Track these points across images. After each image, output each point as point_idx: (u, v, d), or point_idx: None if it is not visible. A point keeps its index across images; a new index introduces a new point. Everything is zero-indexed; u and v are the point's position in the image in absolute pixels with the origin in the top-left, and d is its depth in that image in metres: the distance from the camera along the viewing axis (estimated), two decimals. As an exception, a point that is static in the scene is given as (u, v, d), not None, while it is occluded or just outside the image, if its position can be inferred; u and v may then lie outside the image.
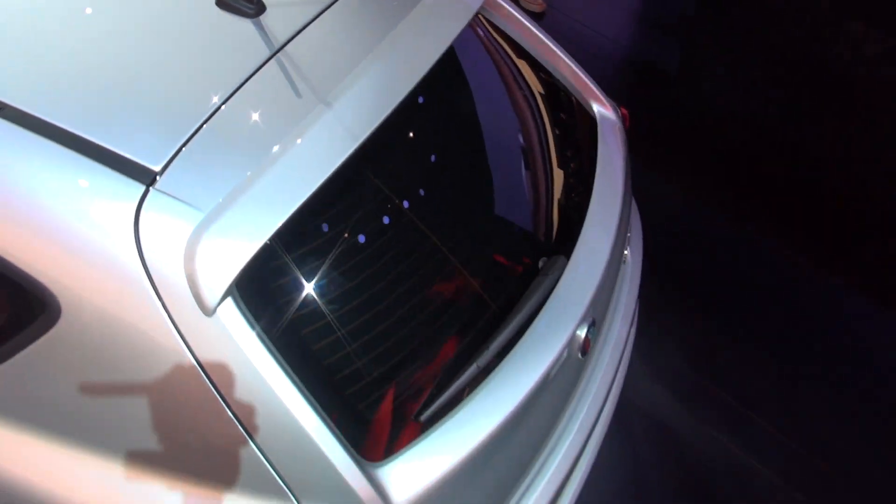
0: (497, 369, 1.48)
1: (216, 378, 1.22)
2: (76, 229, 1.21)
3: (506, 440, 1.51)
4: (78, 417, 1.30)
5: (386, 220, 1.43)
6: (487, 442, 1.42)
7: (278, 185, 1.25)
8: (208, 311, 1.20)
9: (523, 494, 1.65)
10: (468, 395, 1.44)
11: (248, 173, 1.25)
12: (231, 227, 1.20)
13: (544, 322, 1.55)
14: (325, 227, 1.36)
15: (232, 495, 1.28)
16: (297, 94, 1.35)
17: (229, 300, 1.21)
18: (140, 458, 1.29)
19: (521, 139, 1.80)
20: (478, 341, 1.46)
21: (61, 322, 1.24)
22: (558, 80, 1.92)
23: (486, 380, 1.46)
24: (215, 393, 1.22)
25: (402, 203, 1.43)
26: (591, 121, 1.92)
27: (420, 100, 1.57)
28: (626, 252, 2.05)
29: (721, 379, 2.83)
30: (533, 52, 1.89)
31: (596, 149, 1.87)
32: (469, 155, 1.66)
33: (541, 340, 1.53)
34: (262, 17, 1.41)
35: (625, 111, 2.07)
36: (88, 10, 1.40)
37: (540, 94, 1.88)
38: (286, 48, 1.39)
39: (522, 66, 1.87)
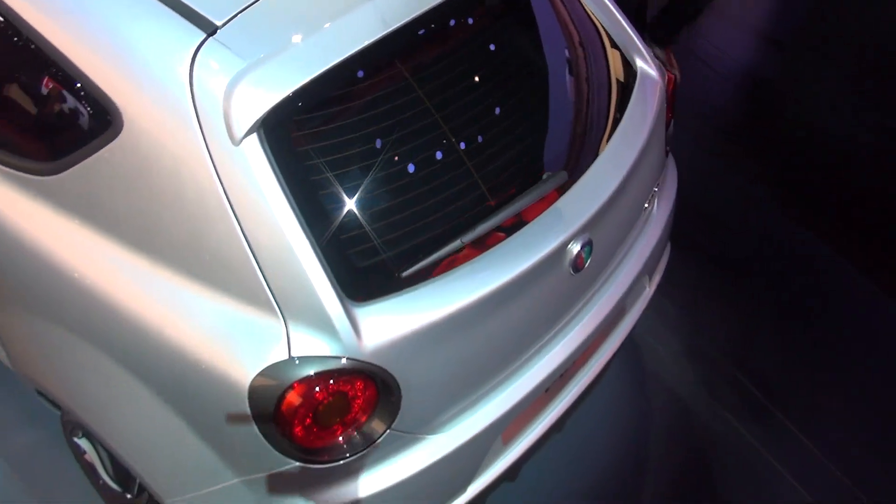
0: (483, 255, 1.66)
1: (233, 199, 1.47)
2: (148, 61, 1.50)
3: (482, 323, 1.69)
4: (123, 216, 1.58)
5: (427, 97, 1.64)
6: (460, 313, 1.61)
7: (310, 52, 1.49)
8: (235, 141, 1.45)
9: (492, 389, 1.82)
10: (450, 268, 1.63)
11: (289, 39, 1.50)
12: (264, 78, 1.45)
13: (538, 225, 1.73)
14: (344, 96, 1.59)
15: (233, 302, 1.52)
16: None
17: (254, 136, 1.46)
18: (164, 258, 1.56)
19: (558, 73, 1.98)
20: (469, 223, 1.65)
21: (123, 134, 1.52)
22: (608, 33, 2.08)
23: (471, 261, 1.65)
24: (231, 212, 1.47)
25: (422, 87, 1.64)
26: (632, 74, 2.08)
27: (469, 21, 1.79)
28: (649, 205, 2.17)
29: (747, 367, 2.88)
30: (589, 5, 2.07)
31: (629, 99, 2.03)
32: (505, 70, 1.85)
33: (531, 239, 1.71)
34: None
35: (671, 75, 2.20)
36: None
37: (586, 39, 2.04)
38: None
39: (576, 12, 2.05)
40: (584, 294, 1.97)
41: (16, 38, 1.64)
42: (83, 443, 2.09)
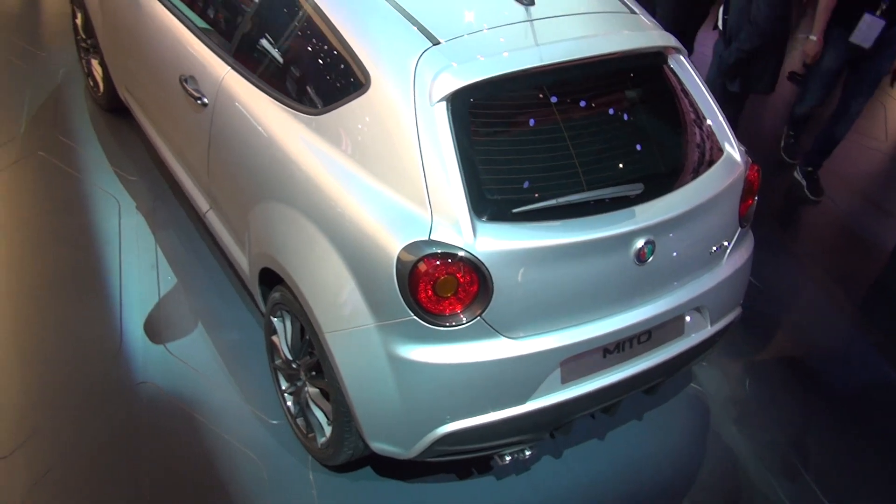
0: (572, 219, 2.45)
1: (422, 136, 2.38)
2: (395, 50, 2.52)
3: (559, 268, 2.44)
4: (355, 142, 2.54)
5: (560, 111, 2.54)
6: (545, 251, 2.39)
7: (484, 67, 2.44)
8: (431, 104, 2.38)
9: (558, 326, 2.53)
10: (546, 220, 2.42)
11: (475, 57, 2.45)
12: (454, 74, 2.40)
13: (616, 214, 2.50)
14: (503, 94, 2.49)
15: (403, 199, 2.40)
16: (540, 38, 2.54)
17: (443, 103, 2.39)
18: (371, 166, 2.48)
19: (667, 124, 2.80)
20: (565, 193, 2.45)
21: (370, 91, 2.51)
22: (706, 115, 2.87)
23: (563, 219, 2.43)
24: (418, 143, 2.38)
25: (575, 104, 2.56)
26: (719, 151, 2.84)
27: (620, 69, 2.70)
28: (717, 251, 2.84)
29: (801, 444, 3.31)
30: (693, 95, 2.88)
31: (711, 167, 2.79)
32: (623, 105, 2.71)
33: (608, 221, 2.48)
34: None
35: (755, 166, 2.93)
36: None
37: (691, 114, 2.85)
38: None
39: (687, 100, 2.87)
40: (644, 289, 2.66)
41: (313, 22, 2.73)
42: (278, 323, 2.98)
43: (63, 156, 4.30)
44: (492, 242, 2.37)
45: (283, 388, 3.04)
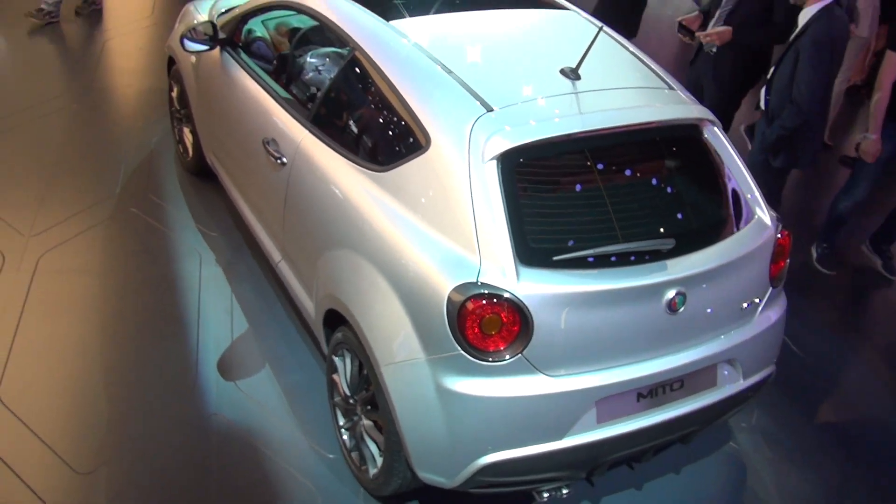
0: (609, 269, 2.69)
1: (474, 190, 2.68)
2: (453, 114, 2.85)
3: (596, 314, 2.67)
4: (414, 195, 2.85)
5: (601, 172, 2.82)
6: (583, 298, 2.63)
7: (530, 132, 2.74)
8: (483, 162, 2.69)
9: (594, 368, 2.74)
10: (585, 268, 2.67)
11: (526, 123, 2.77)
12: (504, 138, 2.72)
13: (650, 266, 2.73)
14: (547, 155, 2.79)
15: (455, 245, 2.69)
16: (584, 108, 2.85)
17: (493, 161, 2.70)
18: (428, 217, 2.78)
19: (702, 191, 3.05)
20: (602, 245, 2.70)
21: (430, 151, 2.84)
22: (739, 187, 3.11)
23: (600, 268, 2.68)
24: (470, 196, 2.68)
25: (614, 166, 2.87)
26: (751, 216, 3.07)
27: (657, 137, 2.98)
28: (748, 307, 3.03)
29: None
30: (727, 164, 3.12)
31: (742, 229, 3.02)
32: (659, 173, 3.00)
33: (642, 272, 2.72)
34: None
35: (786, 232, 3.14)
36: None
37: (727, 185, 3.09)
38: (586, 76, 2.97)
39: (720, 168, 3.12)
40: (675, 337, 2.86)
41: (381, 91, 3.09)
42: (339, 361, 3.25)
43: (153, 213, 4.74)
44: (534, 286, 2.62)
45: (340, 423, 3.30)
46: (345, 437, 3.28)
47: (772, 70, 4.40)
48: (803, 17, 4.07)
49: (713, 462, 3.56)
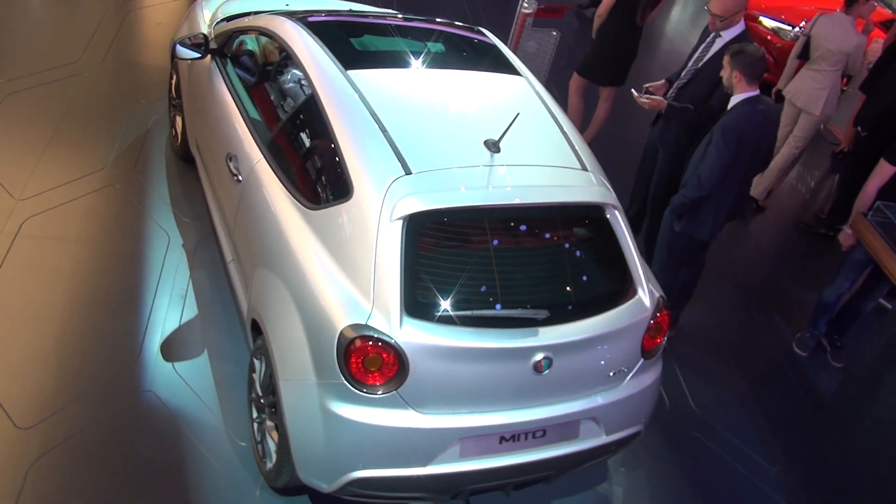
0: (484, 329, 3.09)
1: (379, 243, 3.08)
2: (375, 169, 3.25)
3: (467, 367, 3.07)
4: (331, 235, 3.26)
5: (495, 242, 3.19)
6: (457, 351, 3.03)
7: (441, 199, 3.13)
8: (391, 220, 3.09)
9: (460, 411, 3.14)
10: (461, 325, 3.07)
11: (438, 189, 3.15)
12: (415, 201, 3.10)
13: (521, 331, 3.13)
14: (451, 222, 3.17)
15: (353, 288, 3.10)
16: (494, 182, 3.23)
17: (399, 221, 3.09)
18: (338, 257, 3.19)
19: (577, 268, 3.41)
20: (481, 308, 3.09)
21: (351, 200, 3.24)
22: (625, 267, 3.49)
23: (476, 327, 3.08)
24: (375, 248, 3.08)
25: (508, 238, 3.24)
26: (632, 293, 3.44)
27: (556, 216, 3.37)
28: (614, 377, 3.42)
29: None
30: (621, 245, 3.49)
31: (618, 305, 3.40)
32: (548, 253, 3.37)
33: (513, 335, 3.11)
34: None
35: (664, 311, 3.51)
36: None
37: (610, 265, 3.47)
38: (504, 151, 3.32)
39: (610, 248, 3.49)
40: (539, 394, 3.26)
41: (326, 138, 3.48)
42: (257, 364, 3.67)
43: (135, 190, 5.18)
44: (414, 335, 3.03)
45: (253, 417, 3.74)
46: (255, 429, 3.72)
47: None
48: (731, 103, 4.42)
49: (584, 501, 3.97)
